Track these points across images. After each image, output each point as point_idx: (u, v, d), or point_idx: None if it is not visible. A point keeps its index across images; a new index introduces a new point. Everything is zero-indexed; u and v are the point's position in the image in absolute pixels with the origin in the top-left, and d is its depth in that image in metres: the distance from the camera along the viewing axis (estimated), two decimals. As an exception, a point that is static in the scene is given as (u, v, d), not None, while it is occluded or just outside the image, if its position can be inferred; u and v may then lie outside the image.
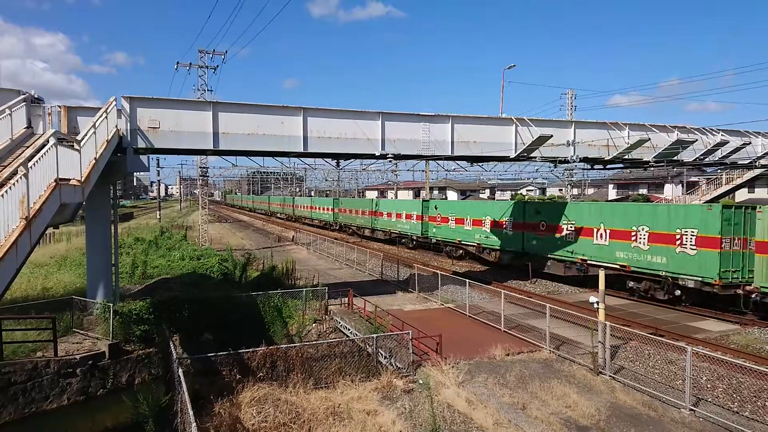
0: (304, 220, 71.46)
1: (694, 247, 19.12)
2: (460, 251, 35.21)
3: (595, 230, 23.28)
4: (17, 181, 8.02)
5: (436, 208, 37.63)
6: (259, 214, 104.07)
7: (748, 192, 53.58)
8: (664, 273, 20.08)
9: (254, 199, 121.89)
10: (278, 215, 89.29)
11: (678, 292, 19.93)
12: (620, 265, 21.74)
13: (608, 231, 22.64)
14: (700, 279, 18.84)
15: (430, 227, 38.27)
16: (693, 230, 19.23)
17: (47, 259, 30.36)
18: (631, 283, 21.77)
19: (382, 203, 48.37)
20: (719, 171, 41.91)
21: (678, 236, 19.70)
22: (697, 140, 24.18)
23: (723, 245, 18.35)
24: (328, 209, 61.32)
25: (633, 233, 21.30)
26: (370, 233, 49.50)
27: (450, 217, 35.46)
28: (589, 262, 23.43)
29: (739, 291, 18.28)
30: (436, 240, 37.52)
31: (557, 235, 25.57)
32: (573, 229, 24.57)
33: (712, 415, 10.89)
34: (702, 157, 25.37)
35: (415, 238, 41.04)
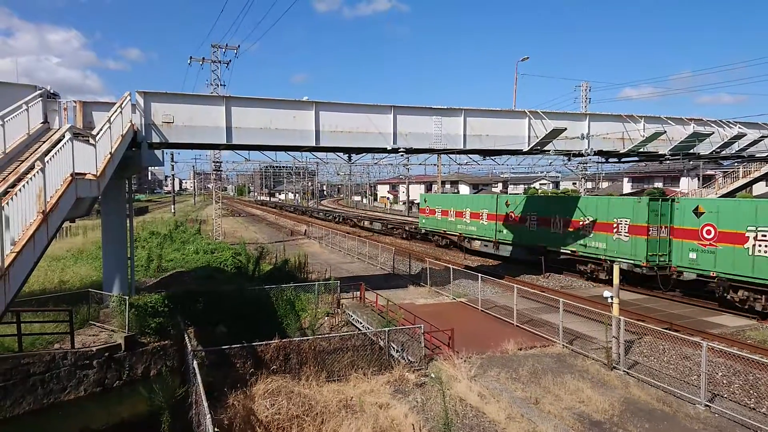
0: (436, 235, 39.82)
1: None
2: None
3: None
4: (34, 175, 8.10)
5: None
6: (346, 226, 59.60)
7: (766, 185, 52.62)
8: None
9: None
10: (391, 228, 49.89)
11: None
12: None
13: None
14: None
15: None
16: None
17: (64, 253, 30.78)
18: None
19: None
20: (736, 164, 41.24)
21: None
22: (713, 133, 23.77)
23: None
24: (485, 216, 32.69)
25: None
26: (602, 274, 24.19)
27: None
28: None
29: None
30: None
31: None
32: None
33: (728, 411, 10.77)
34: (719, 150, 24.94)
35: None
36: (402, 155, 22.87)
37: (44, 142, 13.40)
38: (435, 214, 39.21)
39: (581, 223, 24.69)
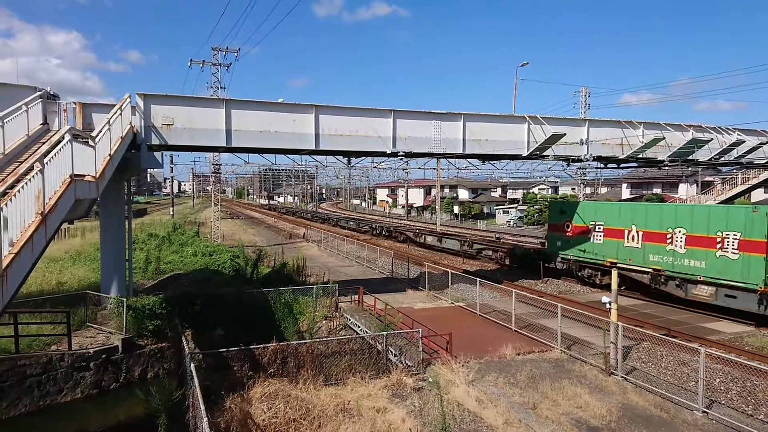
0: (588, 267, 24.79)
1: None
2: None
3: None
4: (33, 176, 8.10)
5: None
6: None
7: (765, 192, 52.72)
8: None
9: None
10: (479, 248, 34.41)
11: None
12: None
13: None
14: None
15: None
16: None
17: (62, 254, 30.74)
18: None
19: None
20: (735, 171, 41.32)
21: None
22: (712, 139, 23.87)
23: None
24: (731, 243, 17.97)
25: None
26: None
27: None
28: None
29: None
30: None
31: None
32: None
33: (726, 418, 10.77)
34: (717, 157, 25.02)
35: None
36: (401, 159, 22.91)
37: (44, 143, 13.39)
38: (590, 234, 24.34)
39: None
